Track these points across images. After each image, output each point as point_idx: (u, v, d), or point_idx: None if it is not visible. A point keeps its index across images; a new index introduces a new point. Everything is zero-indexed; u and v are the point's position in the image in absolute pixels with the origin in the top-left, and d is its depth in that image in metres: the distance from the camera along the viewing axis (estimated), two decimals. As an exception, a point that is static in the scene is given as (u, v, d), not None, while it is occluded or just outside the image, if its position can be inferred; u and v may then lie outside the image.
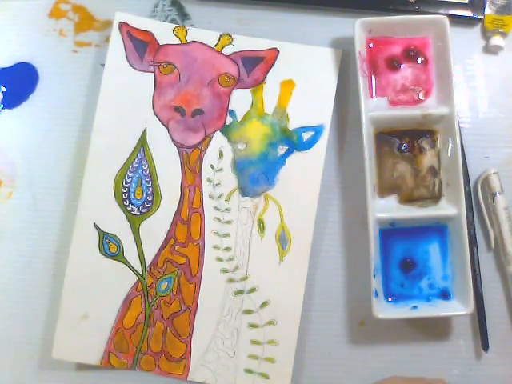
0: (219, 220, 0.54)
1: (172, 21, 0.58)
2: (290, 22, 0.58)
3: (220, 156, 0.55)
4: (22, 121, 0.58)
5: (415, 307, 0.52)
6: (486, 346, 0.53)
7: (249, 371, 0.53)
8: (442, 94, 0.54)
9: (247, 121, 0.56)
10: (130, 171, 0.55)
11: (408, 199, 0.54)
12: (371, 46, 0.55)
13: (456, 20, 0.56)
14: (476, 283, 0.53)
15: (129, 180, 0.55)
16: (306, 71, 0.56)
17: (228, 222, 0.54)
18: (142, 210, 0.55)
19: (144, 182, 0.55)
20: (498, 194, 0.54)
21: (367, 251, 0.51)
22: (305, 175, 0.54)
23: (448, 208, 0.53)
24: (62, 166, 0.57)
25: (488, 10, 0.57)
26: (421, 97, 0.55)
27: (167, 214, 0.54)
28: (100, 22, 0.59)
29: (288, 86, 0.56)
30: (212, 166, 0.55)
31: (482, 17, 0.57)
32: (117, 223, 0.54)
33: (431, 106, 0.54)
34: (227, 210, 0.54)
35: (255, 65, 0.56)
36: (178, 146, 0.55)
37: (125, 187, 0.55)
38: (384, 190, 0.54)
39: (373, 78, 0.55)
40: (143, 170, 0.55)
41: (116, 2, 0.58)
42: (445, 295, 0.53)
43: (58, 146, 0.57)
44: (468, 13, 0.57)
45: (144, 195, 0.55)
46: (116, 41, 0.56)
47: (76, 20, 0.59)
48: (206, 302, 0.54)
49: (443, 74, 0.54)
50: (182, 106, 0.55)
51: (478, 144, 0.56)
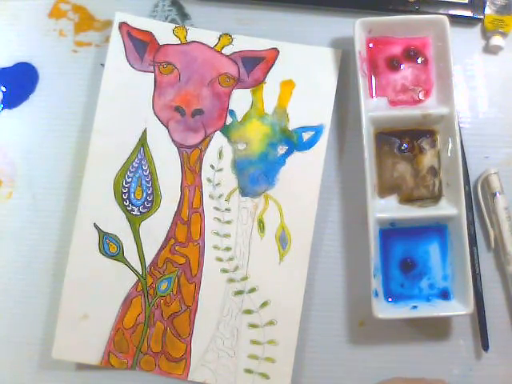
0: (219, 220, 0.54)
1: (172, 21, 0.58)
2: (290, 22, 0.58)
3: (220, 156, 0.55)
4: (21, 121, 0.58)
5: (415, 307, 0.52)
6: (486, 346, 0.53)
7: (249, 371, 0.53)
8: (441, 94, 0.54)
9: (247, 121, 0.56)
10: (130, 171, 0.55)
11: (408, 199, 0.54)
12: (371, 45, 0.55)
13: (456, 20, 0.56)
14: (476, 283, 0.53)
15: (129, 180, 0.55)
16: (305, 71, 0.56)
17: (228, 222, 0.54)
18: (142, 210, 0.55)
19: (144, 181, 0.55)
20: (498, 194, 0.54)
21: (367, 251, 0.51)
22: (305, 175, 0.54)
23: (448, 208, 0.53)
24: (62, 166, 0.57)
25: (488, 10, 0.57)
26: (421, 97, 0.55)
27: (167, 213, 0.54)
28: (100, 22, 0.59)
29: (288, 86, 0.56)
30: (212, 166, 0.55)
31: (482, 17, 0.57)
32: (117, 223, 0.54)
33: (431, 106, 0.54)
34: (227, 209, 0.54)
35: (255, 65, 0.56)
36: (178, 146, 0.55)
37: (125, 187, 0.55)
38: (384, 190, 0.54)
39: (373, 77, 0.55)
40: (143, 170, 0.55)
41: (116, 2, 0.58)
42: (445, 295, 0.53)
43: (57, 146, 0.57)
44: (468, 13, 0.57)
45: (144, 195, 0.55)
46: (116, 41, 0.56)
47: (76, 20, 0.59)
48: (206, 302, 0.54)
49: (443, 73, 0.54)
50: (181, 106, 0.55)
51: (478, 144, 0.56)
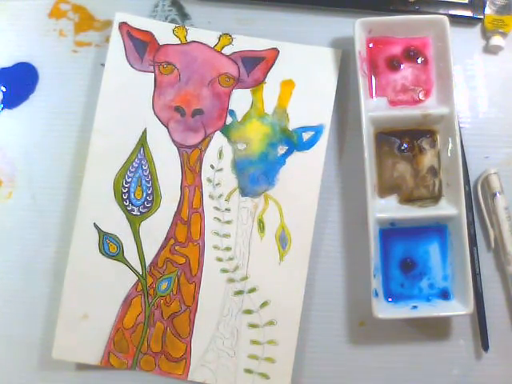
0: (219, 220, 0.54)
1: (172, 21, 0.58)
2: (289, 22, 0.58)
3: (220, 156, 0.55)
4: (21, 121, 0.58)
5: (415, 307, 0.52)
6: (486, 346, 0.53)
7: (249, 371, 0.53)
8: (441, 94, 0.54)
9: (247, 121, 0.56)
10: (130, 171, 0.55)
11: (408, 199, 0.54)
12: (371, 45, 0.55)
13: (456, 20, 0.56)
14: (476, 283, 0.53)
15: (129, 180, 0.55)
16: (305, 71, 0.56)
17: (228, 222, 0.54)
18: (142, 210, 0.55)
19: (144, 181, 0.55)
20: (498, 194, 0.54)
21: (367, 251, 0.51)
22: (305, 175, 0.54)
23: (448, 208, 0.53)
24: (62, 165, 0.57)
25: (488, 10, 0.57)
26: (421, 97, 0.55)
27: (167, 213, 0.54)
28: (100, 21, 0.59)
29: (288, 85, 0.56)
30: (212, 166, 0.55)
31: (482, 17, 0.57)
32: (117, 223, 0.54)
33: (431, 106, 0.54)
34: (227, 209, 0.54)
35: (255, 65, 0.56)
36: (178, 146, 0.55)
37: (125, 187, 0.55)
38: (384, 190, 0.54)
39: (373, 77, 0.55)
40: (143, 170, 0.55)
41: (116, 2, 0.58)
42: (445, 295, 0.53)
43: (57, 146, 0.57)
44: (468, 13, 0.57)
45: (144, 195, 0.55)
46: (116, 41, 0.56)
47: (76, 20, 0.59)
48: (206, 302, 0.54)
49: (443, 73, 0.54)
50: (182, 106, 0.55)
51: (478, 144, 0.56)
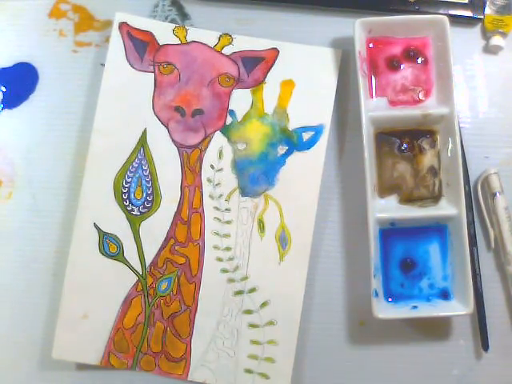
0: (219, 220, 0.54)
1: (172, 21, 0.58)
2: (289, 22, 0.58)
3: (220, 156, 0.55)
4: (21, 121, 0.58)
5: (415, 307, 0.52)
6: (486, 346, 0.53)
7: (249, 371, 0.53)
8: (441, 94, 0.54)
9: (247, 121, 0.56)
10: (130, 171, 0.55)
11: (408, 199, 0.54)
12: (371, 45, 0.55)
13: (456, 20, 0.56)
14: (476, 283, 0.53)
15: (129, 180, 0.55)
16: (306, 71, 0.56)
17: (228, 222, 0.54)
18: (142, 210, 0.55)
19: (144, 181, 0.55)
20: (498, 194, 0.54)
21: (367, 251, 0.51)
22: (305, 175, 0.54)
23: (448, 208, 0.53)
24: (62, 166, 0.57)
25: (488, 10, 0.57)
26: (421, 97, 0.55)
27: (167, 214, 0.54)
28: (100, 22, 0.59)
29: (288, 86, 0.56)
30: (212, 166, 0.55)
31: (482, 17, 0.57)
32: (117, 223, 0.54)
33: (431, 106, 0.54)
34: (227, 209, 0.54)
35: (255, 65, 0.56)
36: (178, 145, 0.55)
37: (125, 187, 0.55)
38: (384, 190, 0.54)
39: (373, 77, 0.55)
40: (143, 169, 0.55)
41: (116, 2, 0.58)
42: (445, 295, 0.53)
43: (57, 146, 0.57)
44: (468, 13, 0.57)
45: (144, 195, 0.55)
46: (116, 41, 0.56)
47: (76, 20, 0.59)
48: (206, 302, 0.54)
49: (443, 73, 0.54)
50: (182, 106, 0.55)
51: (478, 144, 0.56)
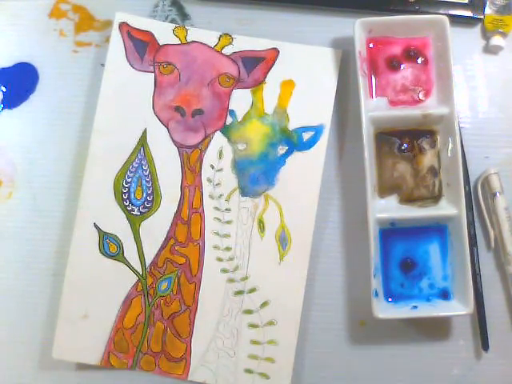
0: (219, 220, 0.54)
1: (172, 21, 0.58)
2: (289, 22, 0.58)
3: (220, 156, 0.55)
4: (22, 121, 0.58)
5: (415, 307, 0.52)
6: (486, 346, 0.53)
7: (249, 371, 0.53)
8: (441, 94, 0.54)
9: (247, 121, 0.56)
10: (130, 171, 0.55)
11: (408, 199, 0.54)
12: (371, 46, 0.55)
13: (456, 20, 0.56)
14: (476, 283, 0.53)
15: (129, 180, 0.55)
16: (306, 71, 0.56)
17: (228, 222, 0.54)
18: (142, 210, 0.55)
19: (144, 181, 0.55)
20: (498, 194, 0.54)
21: (367, 251, 0.51)
22: (305, 175, 0.54)
23: (448, 208, 0.53)
24: (62, 165, 0.57)
25: (488, 10, 0.57)
26: (421, 97, 0.55)
27: (167, 214, 0.54)
28: (100, 22, 0.59)
29: (288, 86, 0.56)
30: (212, 166, 0.55)
31: (482, 17, 0.57)
32: (117, 223, 0.54)
33: (431, 106, 0.54)
34: (227, 210, 0.54)
35: (255, 65, 0.56)
36: (178, 146, 0.55)
37: (125, 187, 0.55)
38: (384, 190, 0.54)
39: (373, 77, 0.55)
40: (143, 170, 0.55)
41: (116, 2, 0.58)
42: (445, 295, 0.53)
43: (58, 146, 0.57)
44: (468, 13, 0.57)
45: (144, 195, 0.55)
46: (116, 41, 0.56)
47: (76, 20, 0.59)
48: (206, 302, 0.54)
49: (443, 74, 0.54)
50: (182, 106, 0.55)
51: (478, 144, 0.56)
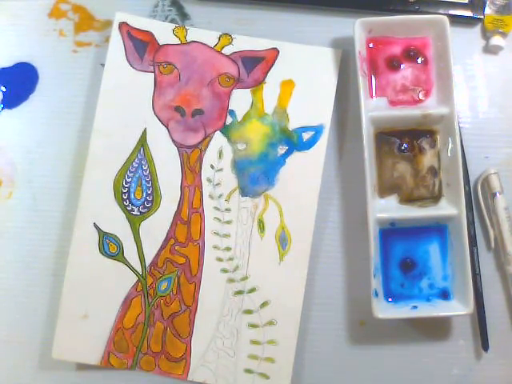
0: (219, 220, 0.54)
1: (172, 21, 0.58)
2: (289, 22, 0.58)
3: (220, 156, 0.55)
4: (22, 121, 0.58)
5: (415, 307, 0.52)
6: (486, 346, 0.53)
7: (249, 371, 0.53)
8: (441, 94, 0.54)
9: (247, 121, 0.56)
10: (130, 171, 0.55)
11: (408, 199, 0.54)
12: (371, 45, 0.55)
13: (456, 20, 0.56)
14: (476, 283, 0.53)
15: (129, 180, 0.55)
16: (306, 71, 0.56)
17: (228, 222, 0.54)
18: (142, 210, 0.55)
19: (144, 181, 0.55)
20: (497, 194, 0.54)
21: (367, 251, 0.51)
22: (305, 175, 0.54)
23: (448, 208, 0.53)
24: (62, 166, 0.57)
25: (488, 10, 0.57)
26: (421, 97, 0.55)
27: (167, 213, 0.54)
28: (100, 22, 0.59)
29: (288, 86, 0.56)
30: (212, 166, 0.55)
31: (482, 17, 0.57)
32: (117, 223, 0.54)
33: (431, 106, 0.54)
34: (227, 209, 0.54)
35: (255, 65, 0.56)
36: (178, 146, 0.55)
37: (125, 187, 0.55)
38: (384, 190, 0.54)
39: (373, 77, 0.55)
40: (143, 169, 0.55)
41: (116, 2, 0.58)
42: (445, 295, 0.53)
43: (58, 146, 0.57)
44: (468, 13, 0.57)
45: (144, 195, 0.55)
46: (116, 41, 0.56)
47: (76, 20, 0.59)
48: (206, 302, 0.54)
49: (443, 74, 0.54)
50: (181, 106, 0.55)
51: (478, 144, 0.56)
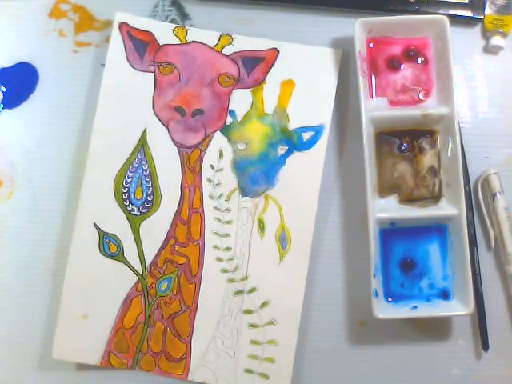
0: (219, 220, 0.54)
1: (172, 21, 0.58)
2: (289, 22, 0.58)
3: (220, 156, 0.55)
4: (22, 121, 0.58)
5: (415, 307, 0.52)
6: (486, 346, 0.53)
7: (249, 371, 0.53)
8: (441, 94, 0.54)
9: (247, 121, 0.56)
10: (130, 171, 0.55)
11: (408, 199, 0.54)
12: (371, 45, 0.55)
13: (456, 20, 0.56)
14: (476, 283, 0.53)
15: (129, 180, 0.55)
16: (305, 71, 0.56)
17: (228, 222, 0.54)
18: (142, 210, 0.55)
19: (144, 181, 0.55)
20: (497, 194, 0.54)
21: (367, 251, 0.51)
22: (305, 175, 0.54)
23: (448, 208, 0.53)
24: (62, 166, 0.57)
25: (488, 10, 0.57)
26: (421, 97, 0.55)
27: (167, 214, 0.54)
28: (100, 22, 0.59)
29: (288, 86, 0.56)
30: (212, 166, 0.55)
31: (482, 17, 0.57)
32: (117, 223, 0.54)
33: (431, 106, 0.54)
34: (227, 210, 0.54)
35: (255, 65, 0.56)
36: (178, 146, 0.55)
37: (125, 187, 0.55)
38: (384, 190, 0.54)
39: (373, 77, 0.55)
40: (143, 169, 0.55)
41: (116, 2, 0.58)
42: (445, 295, 0.53)
43: (57, 146, 0.57)
44: (468, 13, 0.57)
45: (144, 195, 0.55)
46: (116, 41, 0.56)
47: (76, 20, 0.59)
48: (206, 302, 0.54)
49: (443, 74, 0.54)
50: (182, 106, 0.55)
51: (478, 144, 0.56)
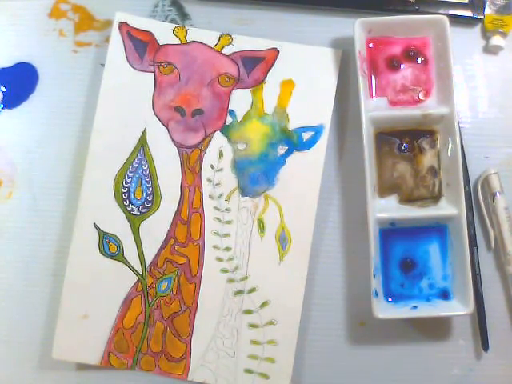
0: (219, 220, 0.54)
1: (172, 21, 0.58)
2: (289, 22, 0.58)
3: (220, 156, 0.55)
4: (22, 121, 0.58)
5: (415, 307, 0.52)
6: (486, 346, 0.53)
7: (249, 371, 0.53)
8: (441, 94, 0.54)
9: (247, 121, 0.56)
10: (130, 171, 0.55)
11: (408, 199, 0.54)
12: (371, 45, 0.55)
13: (456, 20, 0.56)
14: (476, 283, 0.53)
15: (129, 180, 0.55)
16: (305, 71, 0.56)
17: (228, 222, 0.54)
18: (142, 210, 0.55)
19: (144, 181, 0.55)
20: (498, 194, 0.54)
21: (367, 251, 0.51)
22: (305, 175, 0.54)
23: (448, 208, 0.53)
24: (62, 165, 0.57)
25: (488, 10, 0.57)
26: (421, 97, 0.55)
27: (167, 214, 0.54)
28: (100, 22, 0.59)
29: (288, 85, 0.56)
30: (212, 166, 0.55)
31: (482, 17, 0.57)
32: (117, 223, 0.54)
33: (431, 106, 0.54)
34: (227, 209, 0.54)
35: (255, 65, 0.56)
36: (178, 146, 0.55)
37: (125, 187, 0.55)
38: (384, 190, 0.54)
39: (373, 77, 0.55)
40: (143, 169, 0.55)
41: (116, 2, 0.58)
42: (445, 295, 0.53)
43: (57, 146, 0.57)
44: (468, 13, 0.57)
45: (144, 195, 0.55)
46: (116, 41, 0.56)
47: (76, 20, 0.59)
48: (206, 302, 0.54)
49: (443, 74, 0.54)
50: (181, 106, 0.55)
51: (478, 144, 0.56)
